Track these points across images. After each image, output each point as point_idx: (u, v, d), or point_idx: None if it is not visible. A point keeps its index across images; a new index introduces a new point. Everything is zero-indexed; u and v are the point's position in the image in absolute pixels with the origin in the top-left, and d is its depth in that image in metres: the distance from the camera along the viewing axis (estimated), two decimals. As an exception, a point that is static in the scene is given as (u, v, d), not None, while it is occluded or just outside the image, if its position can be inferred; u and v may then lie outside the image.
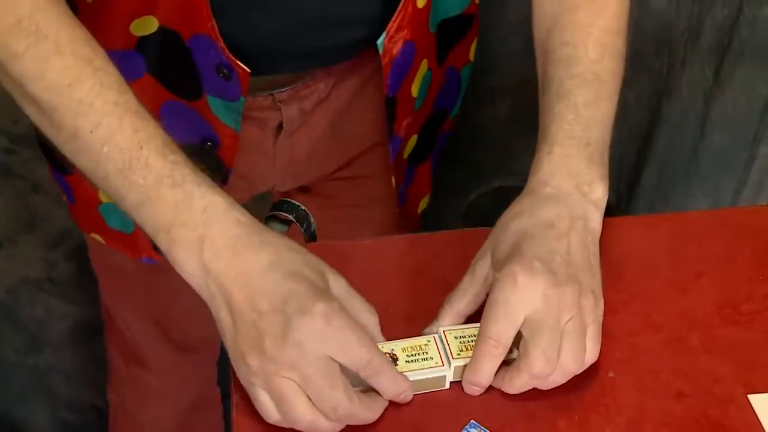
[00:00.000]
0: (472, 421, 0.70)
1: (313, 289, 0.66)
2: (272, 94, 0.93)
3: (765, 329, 0.78)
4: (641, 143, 1.49)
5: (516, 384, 0.71)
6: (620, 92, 0.82)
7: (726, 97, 1.40)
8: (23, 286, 1.55)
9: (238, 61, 0.83)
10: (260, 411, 0.67)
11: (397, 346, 0.72)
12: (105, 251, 1.04)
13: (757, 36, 1.34)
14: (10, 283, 1.55)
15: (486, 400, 0.72)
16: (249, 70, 0.84)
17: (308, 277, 0.67)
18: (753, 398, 0.73)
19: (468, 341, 0.73)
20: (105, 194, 0.72)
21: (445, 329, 0.73)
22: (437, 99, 1.01)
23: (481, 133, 1.48)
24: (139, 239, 0.98)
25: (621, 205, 1.56)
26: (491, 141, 1.49)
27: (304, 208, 1.05)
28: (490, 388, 0.72)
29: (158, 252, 0.70)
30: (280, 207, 1.05)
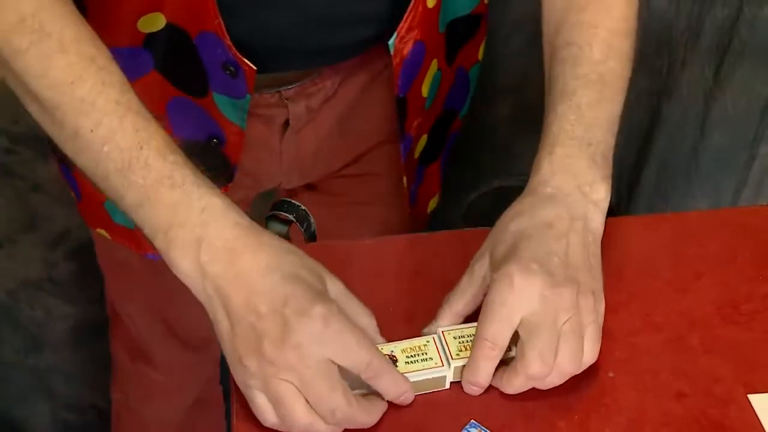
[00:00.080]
0: (472, 421, 0.70)
1: (311, 292, 0.66)
2: (279, 92, 0.93)
3: (765, 329, 0.78)
4: (641, 143, 1.49)
5: (513, 384, 0.71)
6: (626, 93, 0.82)
7: (726, 97, 1.40)
8: (23, 286, 1.55)
9: (244, 59, 0.83)
10: (257, 414, 0.67)
11: (397, 348, 0.72)
12: (111, 247, 1.04)
13: (757, 36, 1.34)
14: (10, 283, 1.55)
15: (486, 400, 0.72)
16: (255, 68, 0.84)
17: (306, 280, 0.67)
18: (753, 398, 0.73)
19: (467, 341, 0.73)
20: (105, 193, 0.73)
21: (444, 329, 0.73)
22: (447, 99, 1.01)
23: (482, 133, 1.48)
24: (144, 235, 0.98)
25: (621, 205, 1.56)
26: (492, 141, 1.49)
27: (304, 208, 1.05)
28: (490, 388, 0.72)
29: None
30: (280, 207, 1.05)
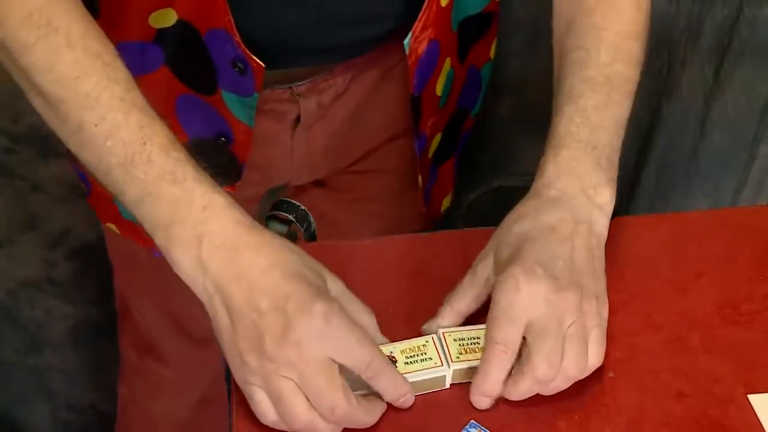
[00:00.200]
0: (472, 421, 0.70)
1: (313, 289, 0.66)
2: (291, 88, 0.93)
3: (765, 329, 0.78)
4: (641, 143, 1.48)
5: (519, 389, 0.70)
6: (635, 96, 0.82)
7: (726, 97, 1.40)
8: (23, 286, 1.55)
9: (253, 56, 0.83)
10: (256, 412, 0.67)
11: (396, 348, 0.72)
12: (120, 241, 1.04)
13: (757, 36, 1.34)
14: (10, 283, 1.55)
15: (486, 400, 0.72)
16: (264, 65, 0.84)
17: (308, 278, 0.67)
18: (753, 398, 0.73)
19: (467, 344, 0.72)
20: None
21: (444, 331, 0.73)
22: (460, 97, 1.02)
23: (482, 133, 1.48)
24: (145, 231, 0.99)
25: (621, 205, 1.56)
26: (492, 141, 1.49)
27: (304, 208, 1.05)
28: (490, 388, 0.72)
29: None
30: (280, 207, 1.05)
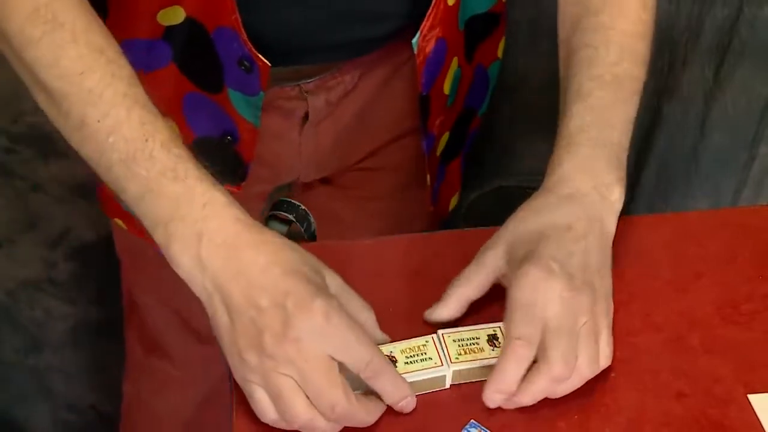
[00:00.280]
0: (472, 421, 0.70)
1: (312, 287, 0.66)
2: (299, 85, 0.94)
3: (765, 329, 0.78)
4: (641, 143, 1.48)
5: (534, 389, 0.69)
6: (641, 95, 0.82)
7: (726, 97, 1.40)
8: (23, 286, 1.55)
9: (259, 55, 0.83)
10: (256, 410, 0.67)
11: (396, 348, 0.72)
12: (127, 237, 1.05)
13: (757, 36, 1.34)
14: (10, 283, 1.55)
15: (486, 400, 0.72)
16: (270, 64, 0.84)
17: (307, 275, 0.67)
18: (753, 398, 0.73)
19: (467, 344, 0.72)
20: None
21: (443, 332, 0.73)
22: (467, 96, 1.02)
23: (482, 133, 1.48)
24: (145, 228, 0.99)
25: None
26: (492, 141, 1.49)
27: (304, 208, 1.05)
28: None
29: None
30: (280, 207, 1.05)
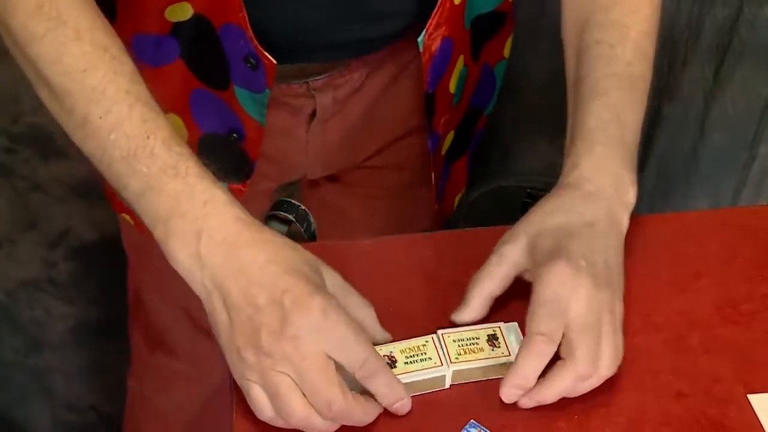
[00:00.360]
0: (472, 420, 0.70)
1: (311, 285, 0.66)
2: (307, 82, 0.94)
3: (765, 329, 0.78)
4: (641, 143, 1.49)
5: (558, 386, 0.69)
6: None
7: (726, 97, 1.40)
8: (22, 286, 1.55)
9: (265, 52, 0.84)
10: (253, 408, 0.67)
11: (396, 348, 0.72)
12: (134, 233, 1.05)
13: (757, 36, 1.34)
14: (10, 283, 1.55)
15: (486, 400, 0.71)
16: (275, 62, 0.84)
17: (306, 274, 0.67)
18: (753, 398, 0.73)
19: (467, 344, 0.72)
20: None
21: (443, 332, 0.73)
22: (473, 95, 1.02)
23: (482, 133, 1.48)
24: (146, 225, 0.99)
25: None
26: (492, 141, 1.49)
27: (303, 208, 1.05)
28: (489, 388, 0.72)
29: None
30: (280, 207, 1.05)
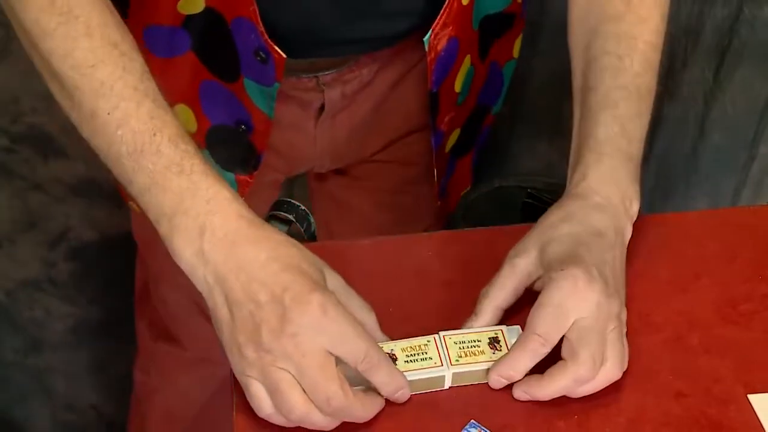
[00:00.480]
0: (472, 421, 0.70)
1: (310, 282, 0.67)
2: (316, 77, 0.94)
3: (764, 329, 0.78)
4: (641, 143, 1.49)
5: (555, 385, 0.70)
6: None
7: (726, 97, 1.40)
8: (22, 286, 1.55)
9: (275, 46, 0.84)
10: (253, 405, 0.67)
11: (396, 346, 0.72)
12: (144, 221, 1.05)
13: (757, 36, 1.34)
14: (9, 283, 1.55)
15: (486, 400, 0.72)
16: (285, 56, 0.85)
17: (306, 271, 0.67)
18: (753, 398, 0.73)
19: (467, 347, 0.72)
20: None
21: (444, 334, 0.73)
22: (480, 94, 1.02)
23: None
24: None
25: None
26: (492, 141, 1.49)
27: (304, 208, 1.05)
28: (489, 389, 0.72)
29: None
30: (280, 207, 1.06)
